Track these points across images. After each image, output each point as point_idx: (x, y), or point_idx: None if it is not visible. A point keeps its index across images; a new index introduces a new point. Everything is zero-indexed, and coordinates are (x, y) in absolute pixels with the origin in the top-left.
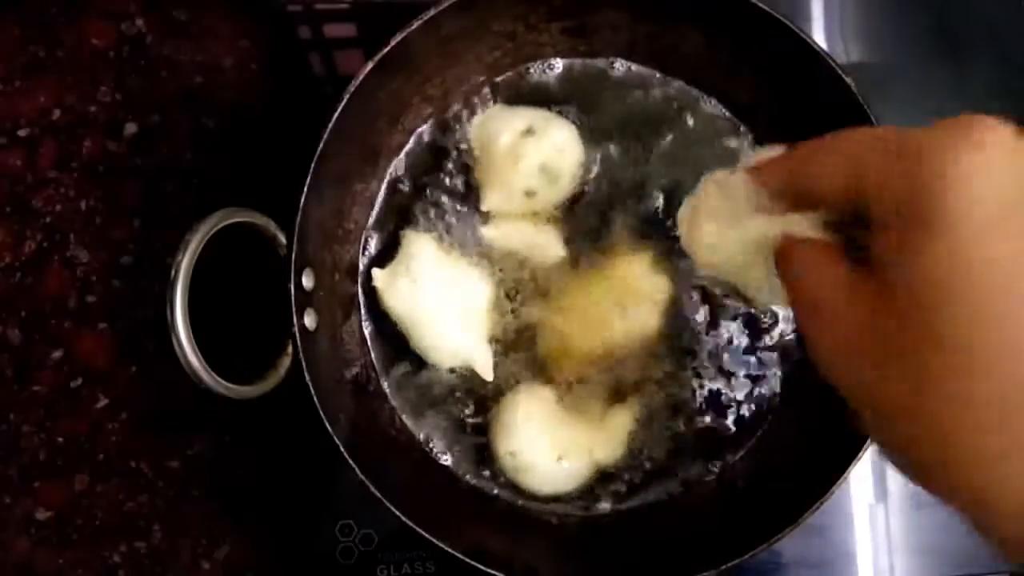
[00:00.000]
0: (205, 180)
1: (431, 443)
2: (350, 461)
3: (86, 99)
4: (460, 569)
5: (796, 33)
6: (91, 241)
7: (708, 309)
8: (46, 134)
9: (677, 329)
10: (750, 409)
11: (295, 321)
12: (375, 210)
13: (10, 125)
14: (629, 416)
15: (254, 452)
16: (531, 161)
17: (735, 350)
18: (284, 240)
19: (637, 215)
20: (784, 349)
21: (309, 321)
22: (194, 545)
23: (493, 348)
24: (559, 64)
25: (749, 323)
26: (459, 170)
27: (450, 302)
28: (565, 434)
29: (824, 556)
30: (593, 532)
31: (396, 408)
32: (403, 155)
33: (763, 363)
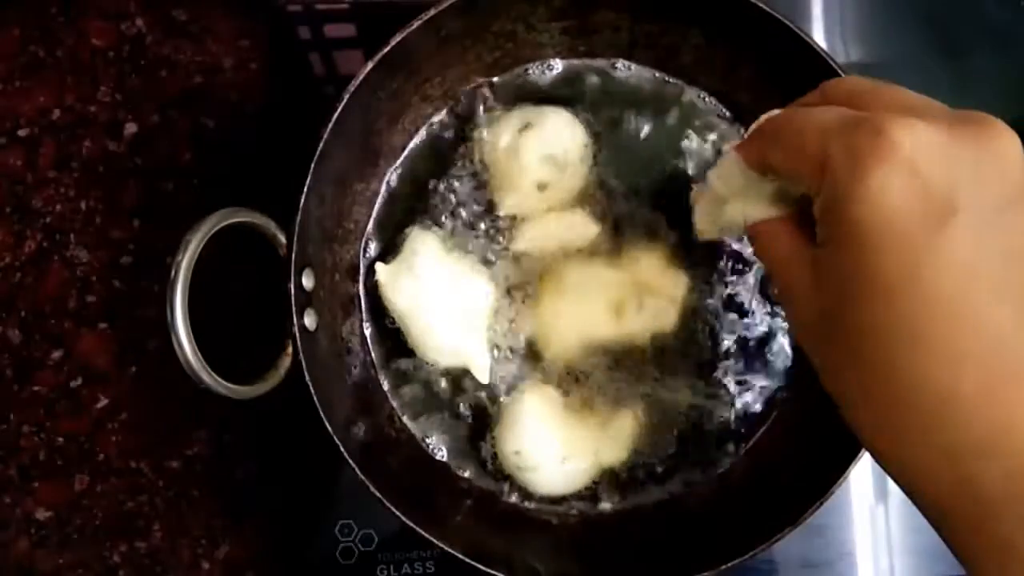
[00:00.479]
0: (205, 180)
1: (431, 443)
2: (350, 461)
3: (86, 99)
4: (460, 569)
5: (796, 33)
6: (91, 241)
7: (714, 308)
8: (46, 134)
9: (683, 329)
10: (751, 409)
11: (295, 321)
12: (375, 210)
13: (10, 125)
14: (634, 418)
15: (254, 452)
16: (533, 154)
17: (738, 351)
18: (284, 240)
19: (646, 211)
20: (786, 351)
21: (309, 321)
22: (194, 545)
23: (495, 349)
24: (559, 64)
25: (752, 325)
26: (460, 170)
27: (451, 301)
28: (571, 435)
29: (824, 556)
30: (594, 532)
31: (396, 408)
32: (403, 155)
33: (764, 364)
